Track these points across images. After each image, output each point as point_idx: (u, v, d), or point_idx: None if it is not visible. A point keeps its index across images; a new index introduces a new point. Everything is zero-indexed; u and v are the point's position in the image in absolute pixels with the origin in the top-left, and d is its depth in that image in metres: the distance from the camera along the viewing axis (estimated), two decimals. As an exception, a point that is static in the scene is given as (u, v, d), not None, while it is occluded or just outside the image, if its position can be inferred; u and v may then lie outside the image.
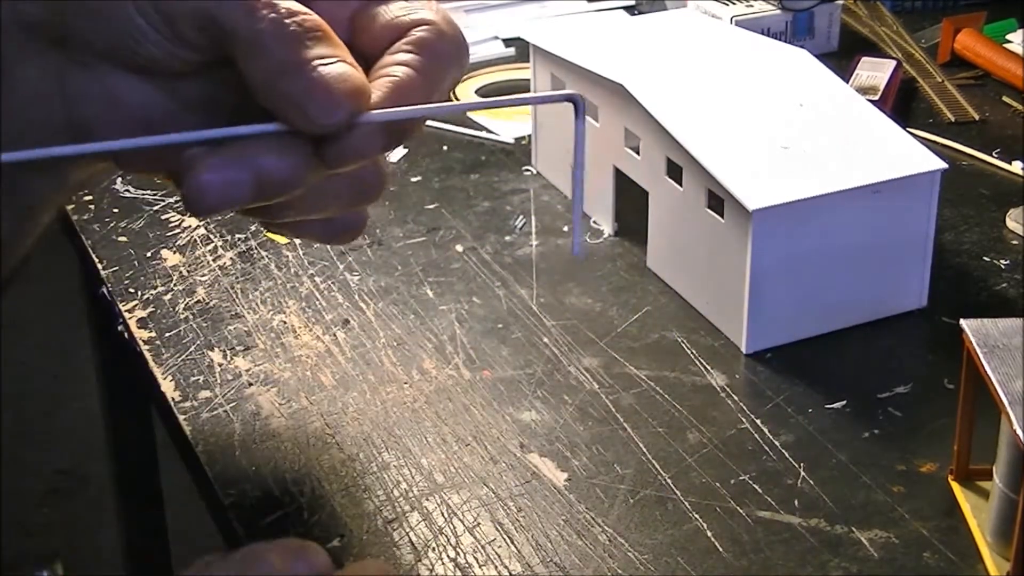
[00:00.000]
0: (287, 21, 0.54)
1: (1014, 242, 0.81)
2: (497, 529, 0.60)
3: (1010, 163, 0.90)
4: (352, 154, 0.54)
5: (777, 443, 0.65)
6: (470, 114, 0.99)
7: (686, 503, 0.61)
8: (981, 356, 0.56)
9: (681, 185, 0.73)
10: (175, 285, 0.76)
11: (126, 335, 0.74)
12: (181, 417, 0.67)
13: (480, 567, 0.58)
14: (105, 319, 0.82)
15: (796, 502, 0.61)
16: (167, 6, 0.55)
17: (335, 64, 0.53)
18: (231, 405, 0.67)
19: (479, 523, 0.60)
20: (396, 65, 0.55)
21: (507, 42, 1.11)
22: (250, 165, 0.54)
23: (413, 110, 0.56)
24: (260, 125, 0.54)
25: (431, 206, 0.87)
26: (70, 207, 0.86)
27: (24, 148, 0.52)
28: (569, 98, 0.55)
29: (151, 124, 0.57)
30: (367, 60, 0.56)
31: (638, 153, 0.77)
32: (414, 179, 0.90)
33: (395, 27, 0.57)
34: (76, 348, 1.79)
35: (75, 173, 0.58)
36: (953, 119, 0.97)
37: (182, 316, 0.75)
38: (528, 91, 0.89)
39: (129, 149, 0.55)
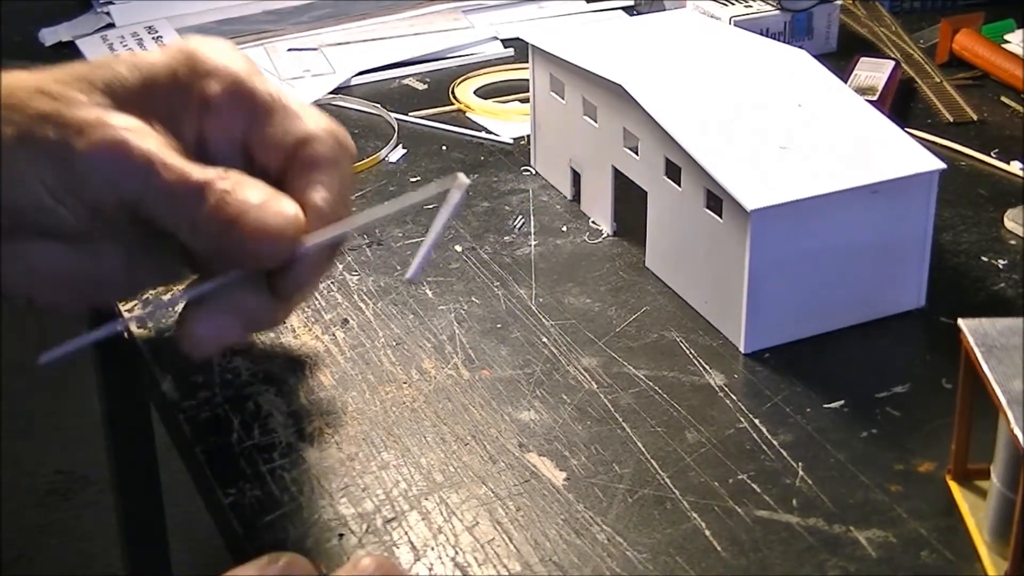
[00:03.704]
0: (216, 187, 0.58)
1: (1012, 242, 0.81)
2: (496, 528, 0.60)
3: (1008, 163, 0.90)
4: (303, 282, 0.61)
5: (775, 443, 0.65)
6: (469, 114, 0.99)
7: (684, 502, 0.61)
8: (979, 356, 0.56)
9: (680, 185, 0.73)
10: (175, 285, 0.75)
11: (126, 335, 0.74)
12: (181, 417, 0.67)
13: (479, 566, 0.58)
14: (105, 319, 0.82)
15: (794, 501, 0.61)
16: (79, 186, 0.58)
17: (262, 204, 0.58)
18: (231, 405, 0.68)
19: (478, 522, 0.60)
20: (307, 193, 0.60)
21: (506, 42, 1.11)
22: (235, 308, 0.60)
23: (343, 226, 0.61)
24: (233, 274, 0.60)
25: (430, 206, 0.86)
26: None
27: None
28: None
29: (72, 285, 0.62)
30: (270, 174, 0.61)
31: (637, 153, 0.77)
32: (413, 179, 0.90)
33: (282, 149, 0.62)
34: (76, 348, 1.79)
35: None
36: (951, 119, 0.97)
37: (182, 316, 0.75)
38: (526, 91, 0.89)
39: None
